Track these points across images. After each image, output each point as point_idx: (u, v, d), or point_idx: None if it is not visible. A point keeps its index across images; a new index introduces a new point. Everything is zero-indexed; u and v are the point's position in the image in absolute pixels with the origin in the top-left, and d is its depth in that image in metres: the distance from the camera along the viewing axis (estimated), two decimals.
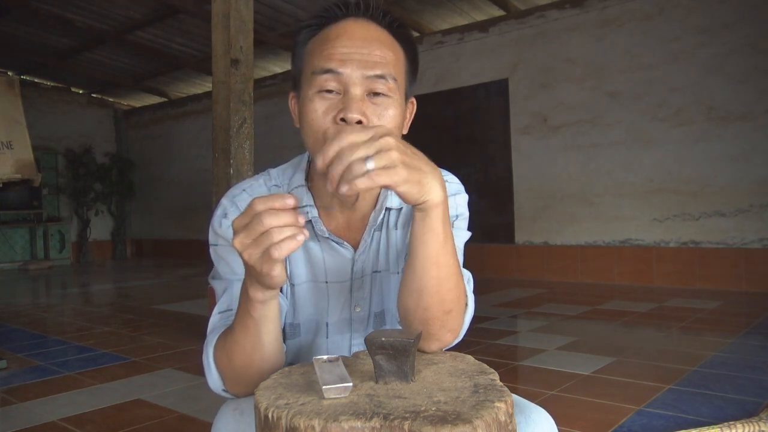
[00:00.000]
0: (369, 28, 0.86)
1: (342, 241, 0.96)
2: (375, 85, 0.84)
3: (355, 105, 0.83)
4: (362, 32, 0.85)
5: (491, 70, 6.44)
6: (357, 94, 0.84)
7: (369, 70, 0.84)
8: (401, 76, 0.88)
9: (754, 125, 4.94)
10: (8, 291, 6.81)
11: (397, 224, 0.99)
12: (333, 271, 0.98)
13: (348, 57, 0.84)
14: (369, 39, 0.85)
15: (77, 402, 2.60)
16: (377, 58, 0.84)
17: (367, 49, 0.84)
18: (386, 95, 0.86)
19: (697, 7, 5.18)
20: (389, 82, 0.85)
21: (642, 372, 2.75)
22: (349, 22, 0.86)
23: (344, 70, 0.84)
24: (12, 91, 3.43)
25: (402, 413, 0.66)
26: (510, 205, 6.34)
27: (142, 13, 7.21)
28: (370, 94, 0.85)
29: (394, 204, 0.97)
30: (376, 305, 1.01)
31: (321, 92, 0.85)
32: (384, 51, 0.85)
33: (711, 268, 5.13)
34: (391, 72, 0.85)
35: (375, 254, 0.99)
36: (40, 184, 3.93)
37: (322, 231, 0.95)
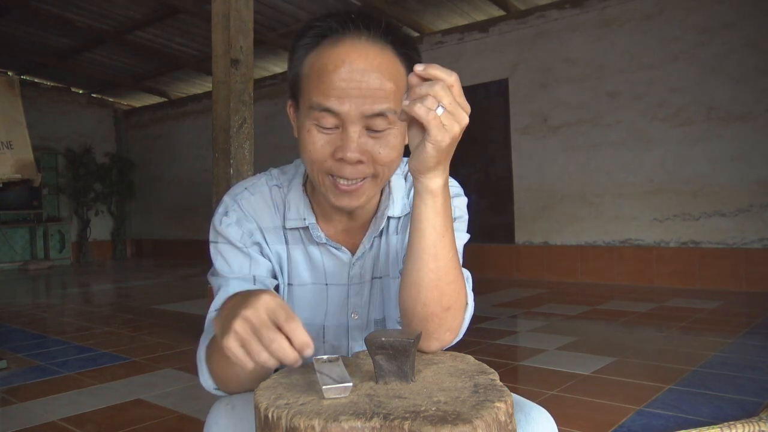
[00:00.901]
0: (368, 54, 0.81)
1: (339, 246, 0.96)
2: (374, 123, 0.82)
3: (353, 146, 0.82)
4: (361, 61, 0.81)
5: (491, 70, 6.44)
6: (355, 133, 0.82)
7: (368, 107, 0.81)
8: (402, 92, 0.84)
9: (754, 125, 4.94)
10: (8, 291, 6.81)
11: (398, 229, 0.99)
12: (332, 273, 0.98)
13: (346, 93, 0.80)
14: (368, 69, 0.80)
15: (77, 402, 2.60)
16: (377, 92, 0.81)
17: (366, 82, 0.80)
18: (387, 128, 0.83)
19: (697, 7, 5.18)
20: (389, 116, 0.82)
21: (642, 372, 2.75)
22: (346, 46, 0.82)
23: (342, 108, 0.81)
24: (12, 91, 3.43)
25: (402, 413, 0.66)
26: (510, 205, 6.34)
27: (142, 13, 7.21)
28: (369, 129, 0.83)
29: (395, 212, 0.97)
30: (376, 312, 1.00)
31: (319, 127, 0.84)
32: (384, 81, 0.81)
33: (711, 268, 5.13)
34: (391, 106, 0.82)
35: (375, 260, 0.99)
36: (40, 184, 3.93)
37: (319, 237, 0.95)
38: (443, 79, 0.70)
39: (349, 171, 0.84)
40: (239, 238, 0.94)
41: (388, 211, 0.96)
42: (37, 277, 8.23)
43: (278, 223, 0.96)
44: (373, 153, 0.83)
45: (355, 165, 0.83)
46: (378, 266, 0.99)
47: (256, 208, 0.96)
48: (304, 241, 0.96)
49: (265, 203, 0.96)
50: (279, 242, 0.97)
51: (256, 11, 3.91)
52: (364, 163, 0.83)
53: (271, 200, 0.97)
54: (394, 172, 0.89)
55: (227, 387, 0.88)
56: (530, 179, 6.19)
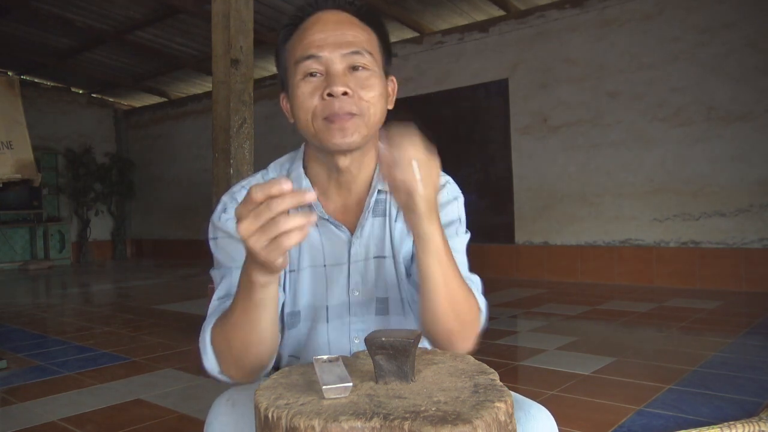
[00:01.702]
0: (339, 15, 0.94)
1: (339, 224, 1.00)
2: (354, 60, 0.91)
3: (338, 79, 0.89)
4: (334, 18, 0.93)
5: (491, 70, 6.44)
6: (338, 69, 0.90)
7: (345, 48, 0.91)
8: (376, 51, 0.95)
9: (754, 125, 4.94)
10: (8, 291, 6.81)
11: (397, 217, 1.02)
12: (331, 254, 1.00)
13: (324, 41, 0.91)
14: (340, 22, 0.92)
15: (77, 402, 2.60)
16: (351, 37, 0.91)
17: (340, 31, 0.91)
18: (366, 68, 0.92)
19: (697, 7, 5.18)
20: (366, 56, 0.92)
21: (642, 372, 2.75)
22: (320, 14, 0.94)
23: (323, 53, 0.90)
24: (12, 91, 3.43)
25: (402, 413, 0.66)
26: (510, 205, 6.34)
27: (142, 13, 7.21)
28: (350, 69, 0.91)
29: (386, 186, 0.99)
30: (378, 291, 1.02)
31: (305, 77, 0.92)
32: (356, 31, 0.93)
33: (711, 268, 5.13)
34: (365, 47, 0.92)
35: (376, 240, 1.02)
36: (40, 184, 3.93)
37: (322, 213, 0.99)
38: (408, 140, 0.78)
39: (338, 105, 0.89)
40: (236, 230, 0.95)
41: (378, 185, 1.00)
42: (37, 277, 8.23)
43: None
44: (357, 90, 0.91)
45: (341, 98, 0.89)
46: (378, 246, 1.02)
47: None
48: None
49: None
50: None
51: (256, 11, 3.91)
52: (350, 95, 0.90)
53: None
54: (379, 118, 0.94)
55: (232, 368, 0.89)
56: (530, 179, 6.19)
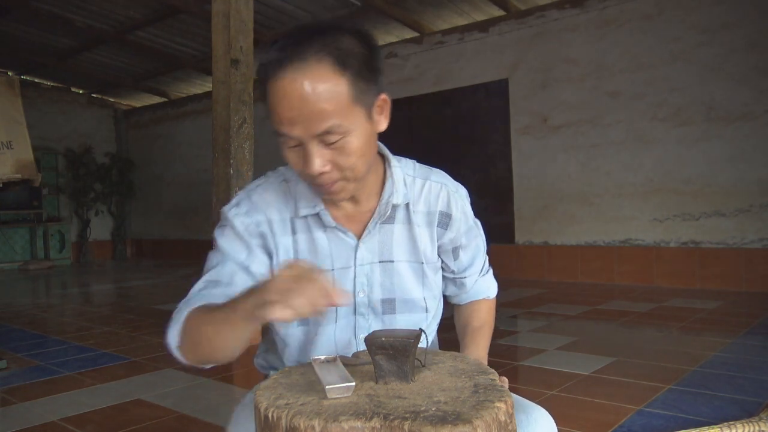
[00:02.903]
0: (303, 82, 0.86)
1: (346, 230, 1.03)
2: (326, 138, 0.88)
3: (313, 161, 0.89)
4: (298, 90, 0.86)
5: (491, 70, 6.44)
6: (312, 149, 0.89)
7: (315, 128, 0.87)
8: (349, 107, 0.89)
9: (754, 125, 4.94)
10: (8, 291, 6.81)
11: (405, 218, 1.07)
12: (338, 258, 1.04)
13: (292, 121, 0.88)
14: (304, 96, 0.86)
15: (77, 402, 2.60)
16: (317, 114, 0.86)
17: (306, 108, 0.86)
18: (341, 137, 0.89)
19: (697, 7, 5.18)
20: (338, 128, 0.88)
21: (642, 372, 2.75)
22: (283, 80, 0.87)
23: (293, 133, 0.89)
24: (12, 91, 3.43)
25: (402, 413, 0.66)
26: (510, 205, 6.34)
27: (142, 13, 7.21)
28: (325, 143, 0.89)
29: (398, 200, 1.04)
30: (384, 292, 1.06)
31: (286, 145, 0.92)
32: (323, 103, 0.86)
33: (711, 268, 5.13)
34: (336, 121, 0.87)
35: (383, 245, 1.05)
36: (40, 184, 3.92)
37: (329, 221, 1.02)
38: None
39: (318, 181, 0.93)
40: (244, 228, 1.02)
41: (392, 199, 1.03)
42: (37, 277, 8.23)
43: (288, 215, 1.04)
44: (334, 161, 0.91)
45: (321, 176, 0.91)
46: (385, 251, 1.05)
47: (268, 201, 1.04)
48: (311, 228, 1.04)
49: (277, 197, 1.05)
50: (286, 234, 1.04)
51: (256, 11, 3.91)
52: (328, 172, 0.91)
53: (282, 194, 1.05)
54: (366, 170, 0.96)
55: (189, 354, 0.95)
56: (530, 179, 6.19)
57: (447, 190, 1.09)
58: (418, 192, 1.07)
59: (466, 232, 1.12)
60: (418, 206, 1.07)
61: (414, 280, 1.07)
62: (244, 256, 1.01)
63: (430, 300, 1.09)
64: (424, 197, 1.08)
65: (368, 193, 1.03)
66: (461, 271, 1.16)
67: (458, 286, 1.19)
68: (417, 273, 1.08)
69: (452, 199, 1.09)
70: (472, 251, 1.16)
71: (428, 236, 1.08)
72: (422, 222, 1.07)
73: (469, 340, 1.17)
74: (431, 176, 1.10)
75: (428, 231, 1.08)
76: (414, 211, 1.07)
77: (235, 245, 1.02)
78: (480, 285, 1.21)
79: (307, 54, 0.87)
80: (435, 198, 1.08)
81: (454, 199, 1.09)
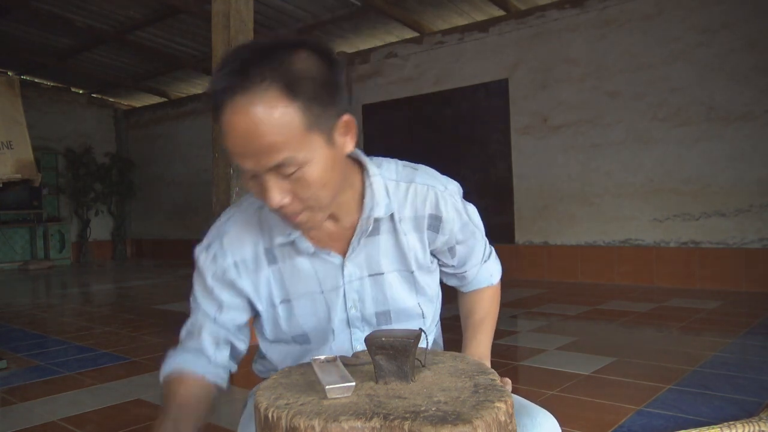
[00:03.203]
0: (248, 113, 0.79)
1: (329, 251, 1.00)
2: (281, 170, 0.82)
3: (271, 195, 0.84)
4: (244, 123, 0.79)
5: (491, 70, 6.44)
6: (269, 182, 0.84)
7: (267, 161, 0.81)
8: (303, 136, 0.81)
9: (754, 125, 4.94)
10: (8, 291, 6.81)
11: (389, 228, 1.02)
12: (325, 279, 1.01)
13: (242, 156, 0.82)
14: (251, 130, 0.79)
15: (77, 402, 2.60)
16: (269, 148, 0.80)
17: (255, 142, 0.79)
18: (298, 169, 0.83)
19: (697, 7, 5.18)
20: (293, 160, 0.81)
21: (642, 372, 2.75)
22: (228, 113, 0.80)
23: (246, 166, 0.83)
24: (12, 91, 3.43)
25: (402, 413, 0.66)
26: (510, 205, 6.34)
27: (142, 13, 7.21)
28: (281, 175, 0.83)
29: (380, 213, 0.98)
30: (377, 305, 1.03)
31: (245, 177, 0.87)
32: (270, 136, 0.79)
33: (711, 268, 5.13)
34: (289, 154, 0.81)
35: (370, 259, 1.02)
36: (40, 184, 3.92)
37: (307, 248, 0.99)
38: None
39: (281, 213, 0.88)
40: (214, 279, 1.01)
41: (374, 213, 0.97)
42: (37, 277, 8.23)
43: (264, 246, 1.01)
44: (294, 193, 0.85)
45: (282, 209, 0.86)
46: (373, 264, 1.02)
47: (240, 238, 1.00)
48: (291, 255, 1.00)
49: (250, 229, 1.01)
50: (263, 267, 1.01)
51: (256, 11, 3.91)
52: (288, 204, 0.86)
53: (256, 224, 1.01)
54: (331, 198, 0.89)
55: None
56: (530, 179, 6.19)
57: (434, 192, 1.02)
58: (403, 197, 1.01)
59: (461, 228, 1.07)
60: (404, 212, 1.01)
61: (406, 289, 1.04)
62: (213, 310, 1.02)
63: (425, 305, 1.07)
64: (410, 202, 1.01)
65: (347, 210, 0.98)
66: (461, 265, 1.13)
67: (459, 278, 1.16)
68: (408, 281, 1.05)
69: (441, 200, 1.02)
70: (469, 245, 1.10)
71: (418, 241, 1.03)
72: (410, 228, 1.02)
73: (470, 337, 1.16)
74: (416, 178, 1.02)
75: (418, 236, 1.03)
76: (400, 218, 1.01)
77: (206, 299, 1.02)
78: (482, 273, 1.17)
79: (251, 82, 0.79)
80: (422, 201, 1.01)
81: (443, 200, 1.03)
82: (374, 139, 7.48)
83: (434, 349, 0.93)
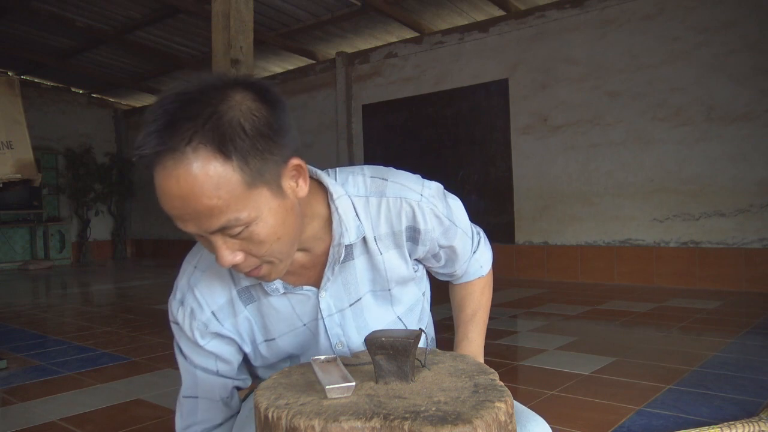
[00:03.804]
0: (179, 178, 0.72)
1: (301, 287, 0.94)
2: (227, 232, 0.76)
3: (221, 255, 0.78)
4: (177, 189, 0.72)
5: (491, 70, 6.44)
6: (217, 243, 0.77)
7: (208, 226, 0.75)
8: (244, 195, 0.74)
9: (754, 125, 4.94)
10: (8, 291, 6.81)
11: (363, 250, 0.96)
12: (304, 314, 0.97)
13: (182, 220, 0.76)
14: (186, 195, 0.72)
15: (77, 402, 2.60)
16: (207, 212, 0.73)
17: (190, 207, 0.73)
18: (244, 228, 0.77)
19: (697, 7, 5.18)
20: (237, 222, 0.75)
21: (642, 372, 2.75)
22: (158, 176, 0.74)
23: (189, 230, 0.77)
24: (12, 91, 3.42)
25: (402, 413, 0.65)
26: (510, 205, 6.34)
27: (142, 13, 7.21)
28: (229, 234, 0.77)
29: (351, 239, 0.92)
30: (361, 334, 0.99)
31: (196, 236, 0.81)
32: (208, 200, 0.72)
33: (711, 268, 5.13)
34: (230, 216, 0.74)
35: (347, 286, 0.97)
36: (40, 184, 3.92)
37: (276, 290, 0.93)
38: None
39: (238, 269, 0.82)
40: (195, 333, 0.95)
41: (344, 240, 0.91)
42: (37, 277, 8.23)
43: (239, 287, 0.95)
44: (246, 250, 0.79)
45: (237, 267, 0.81)
46: (351, 291, 0.97)
47: (211, 287, 0.94)
48: (267, 293, 0.95)
49: (217, 276, 0.94)
50: (240, 311, 0.96)
51: (256, 11, 3.91)
52: (242, 261, 0.80)
53: (222, 270, 0.94)
54: (290, 247, 0.83)
55: None
56: (530, 179, 6.19)
57: (409, 204, 0.94)
58: (375, 213, 0.94)
59: (443, 234, 1.00)
60: (379, 229, 0.94)
61: (382, 307, 1.00)
62: (213, 364, 0.97)
63: (405, 316, 1.04)
64: (384, 218, 0.94)
65: (315, 239, 0.92)
66: (449, 265, 1.08)
67: (449, 275, 1.13)
68: (384, 299, 1.00)
69: (417, 211, 0.94)
70: (455, 248, 1.05)
71: (399, 257, 0.97)
72: (388, 245, 0.96)
73: (462, 335, 1.13)
74: (387, 191, 0.94)
75: (398, 252, 0.97)
76: (376, 236, 0.94)
77: (199, 354, 0.97)
78: (472, 266, 1.12)
79: (179, 143, 0.71)
80: (397, 216, 0.94)
81: (420, 211, 0.94)
82: (374, 139, 7.48)
83: (434, 349, 0.92)
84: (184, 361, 0.98)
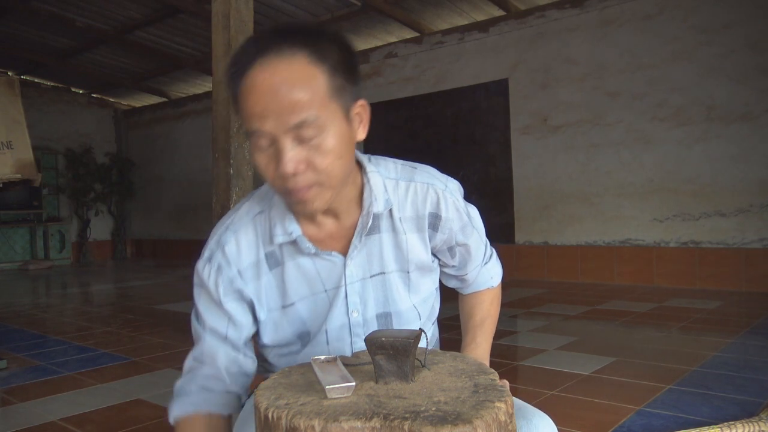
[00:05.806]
0: (275, 71, 0.81)
1: (330, 252, 0.99)
2: (301, 132, 0.82)
3: (284, 159, 0.83)
4: (269, 80, 0.81)
5: (491, 70, 6.44)
6: (285, 146, 0.83)
7: (288, 120, 0.81)
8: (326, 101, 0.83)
9: (754, 125, 4.94)
10: (8, 291, 6.81)
11: (390, 227, 1.01)
12: (328, 279, 1.00)
13: (263, 114, 0.82)
14: (276, 86, 0.81)
15: (77, 402, 2.60)
16: (290, 104, 0.81)
17: (278, 98, 0.81)
18: (316, 132, 0.83)
19: (697, 7, 5.18)
20: (314, 122, 0.82)
21: (642, 372, 2.75)
22: (255, 71, 0.82)
23: (265, 127, 0.83)
24: (12, 91, 3.43)
25: (402, 413, 0.65)
26: (510, 205, 6.34)
27: (142, 13, 7.21)
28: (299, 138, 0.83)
29: (379, 208, 0.97)
30: (378, 307, 1.03)
31: (257, 148, 0.86)
32: (296, 92, 0.81)
33: (711, 268, 5.13)
34: (311, 112, 0.82)
35: (371, 258, 1.01)
36: (40, 184, 3.93)
37: (308, 248, 0.97)
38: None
39: (291, 182, 0.85)
40: (220, 290, 0.98)
41: (372, 208, 0.96)
42: (37, 277, 8.23)
43: (265, 251, 0.99)
44: (309, 161, 0.84)
45: (294, 177, 0.84)
46: (374, 263, 1.01)
47: (240, 247, 0.98)
48: (294, 255, 0.99)
49: (249, 238, 0.99)
50: (265, 272, 0.99)
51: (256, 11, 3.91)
52: (302, 173, 0.84)
53: (254, 231, 0.99)
54: (343, 176, 0.89)
55: None
56: (530, 179, 6.19)
57: (435, 190, 1.01)
58: (403, 196, 1.01)
59: (461, 229, 1.05)
60: (405, 211, 1.01)
61: (403, 290, 1.04)
62: (224, 326, 0.99)
63: (420, 305, 1.07)
64: (410, 201, 1.01)
65: (348, 207, 0.97)
66: (462, 267, 1.12)
67: (460, 280, 1.16)
68: (404, 281, 1.04)
69: (441, 198, 1.01)
70: (470, 246, 1.09)
71: (420, 241, 1.02)
72: (411, 228, 1.01)
73: (470, 339, 1.15)
74: (416, 176, 1.02)
75: (419, 236, 1.02)
76: (401, 217, 1.01)
77: (214, 313, 0.99)
78: (483, 275, 1.16)
79: (281, 46, 0.82)
80: (423, 200, 1.01)
81: (443, 199, 1.01)
82: (374, 139, 7.48)
83: (434, 349, 0.92)
84: (197, 324, 1.01)
